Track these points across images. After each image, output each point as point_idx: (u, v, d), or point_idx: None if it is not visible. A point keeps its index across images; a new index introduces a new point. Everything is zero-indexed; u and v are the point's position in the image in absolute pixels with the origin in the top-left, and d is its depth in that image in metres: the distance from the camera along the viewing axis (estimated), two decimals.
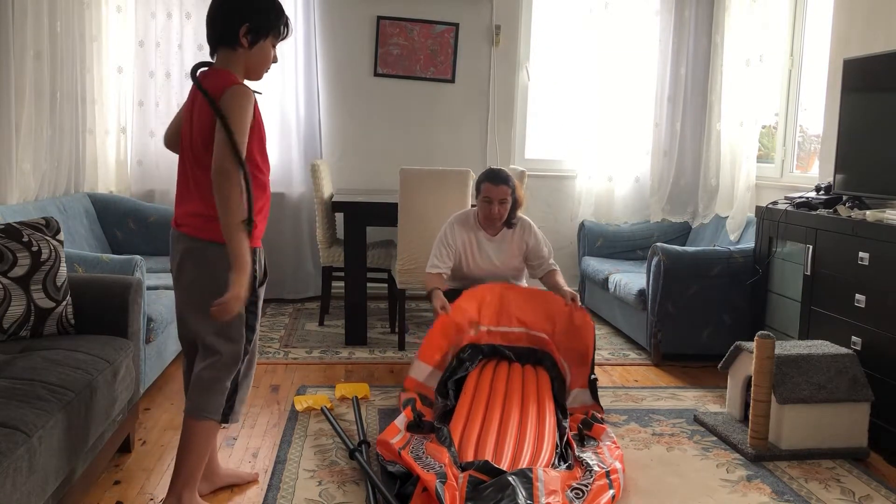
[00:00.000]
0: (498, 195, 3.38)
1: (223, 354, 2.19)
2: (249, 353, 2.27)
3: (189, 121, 2.16)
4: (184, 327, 2.28)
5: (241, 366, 2.24)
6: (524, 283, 3.67)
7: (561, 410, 2.94)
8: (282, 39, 2.24)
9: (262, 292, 2.27)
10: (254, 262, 2.14)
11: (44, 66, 3.87)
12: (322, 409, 3.15)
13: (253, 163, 2.14)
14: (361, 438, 2.80)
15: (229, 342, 2.19)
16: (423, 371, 3.18)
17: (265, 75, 2.27)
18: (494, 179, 3.39)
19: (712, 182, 5.02)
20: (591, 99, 5.27)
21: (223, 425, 2.27)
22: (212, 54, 2.21)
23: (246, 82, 2.18)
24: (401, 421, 2.80)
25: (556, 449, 2.63)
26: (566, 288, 3.46)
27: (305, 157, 5.15)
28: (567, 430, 2.79)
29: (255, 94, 2.16)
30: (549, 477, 2.32)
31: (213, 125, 2.06)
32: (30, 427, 1.82)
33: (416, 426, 2.77)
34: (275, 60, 2.24)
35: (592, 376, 3.16)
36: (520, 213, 3.59)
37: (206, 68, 2.18)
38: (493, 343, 3.28)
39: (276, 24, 2.19)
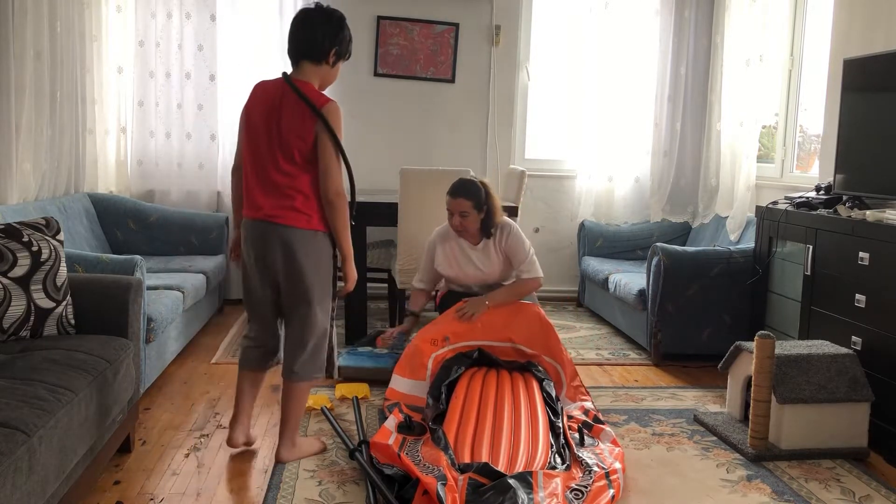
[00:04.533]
0: (456, 207, 3.39)
1: (320, 324, 2.61)
2: (332, 318, 2.70)
3: (273, 124, 2.48)
4: (265, 305, 2.66)
5: (332, 328, 2.69)
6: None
7: (552, 409, 2.94)
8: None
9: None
10: (333, 245, 2.61)
11: (44, 66, 3.87)
12: (322, 408, 3.15)
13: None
14: (361, 438, 2.80)
15: (325, 312, 2.63)
16: (403, 383, 3.22)
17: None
18: (452, 192, 3.41)
19: (712, 182, 5.02)
20: (591, 99, 5.28)
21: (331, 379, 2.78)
22: (293, 64, 2.57)
23: None
24: (391, 423, 2.81)
25: (552, 448, 2.63)
26: (496, 291, 3.49)
27: None
28: (562, 428, 2.79)
29: None
30: (549, 480, 2.32)
31: (306, 131, 2.45)
32: (30, 427, 1.82)
33: (406, 427, 2.77)
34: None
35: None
36: (502, 219, 3.53)
37: (292, 78, 2.53)
38: (481, 348, 3.32)
39: (350, 51, 2.64)
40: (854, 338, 3.04)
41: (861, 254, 3.00)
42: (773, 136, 4.76)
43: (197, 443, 2.85)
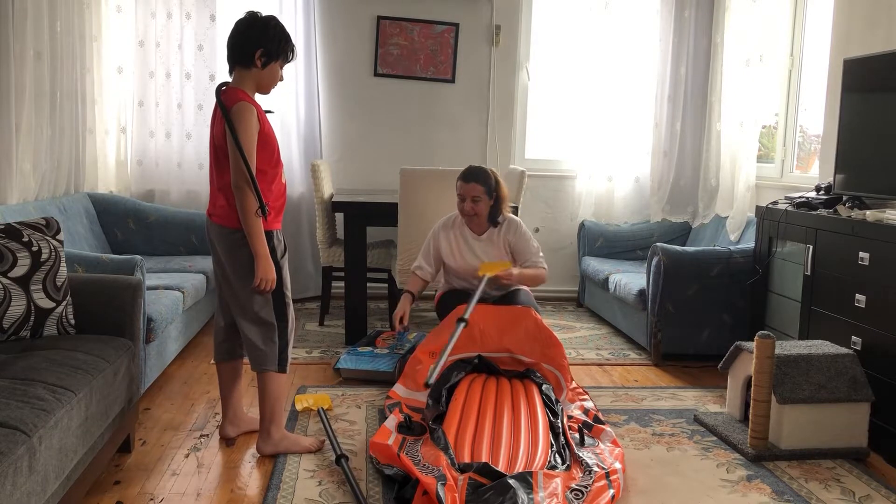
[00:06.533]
0: (469, 192, 3.46)
1: (263, 318, 2.66)
2: (285, 313, 2.71)
3: (212, 132, 2.62)
4: (223, 298, 2.78)
5: (285, 323, 2.71)
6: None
7: (551, 410, 2.94)
8: (288, 62, 2.70)
9: (284, 262, 2.72)
10: (272, 240, 2.62)
11: (44, 66, 3.87)
12: (319, 411, 3.11)
13: (259, 166, 2.55)
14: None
15: (266, 306, 2.66)
16: (404, 390, 3.23)
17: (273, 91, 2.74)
18: (465, 177, 3.48)
19: (712, 182, 5.02)
20: (591, 99, 5.28)
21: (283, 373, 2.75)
22: (230, 72, 2.64)
23: (257, 96, 2.65)
24: (391, 423, 2.82)
25: (552, 448, 2.63)
26: (514, 271, 3.46)
27: (305, 157, 5.15)
28: (562, 428, 2.79)
29: (268, 113, 2.64)
30: (549, 480, 2.32)
31: (224, 132, 2.53)
32: (30, 427, 1.82)
33: (406, 428, 2.77)
34: (281, 79, 2.70)
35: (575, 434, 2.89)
36: (509, 214, 3.59)
37: (225, 87, 2.61)
38: (480, 356, 3.32)
39: (284, 50, 2.65)
40: (854, 338, 3.04)
41: (861, 254, 3.00)
42: (773, 136, 4.76)
43: (197, 443, 2.85)
